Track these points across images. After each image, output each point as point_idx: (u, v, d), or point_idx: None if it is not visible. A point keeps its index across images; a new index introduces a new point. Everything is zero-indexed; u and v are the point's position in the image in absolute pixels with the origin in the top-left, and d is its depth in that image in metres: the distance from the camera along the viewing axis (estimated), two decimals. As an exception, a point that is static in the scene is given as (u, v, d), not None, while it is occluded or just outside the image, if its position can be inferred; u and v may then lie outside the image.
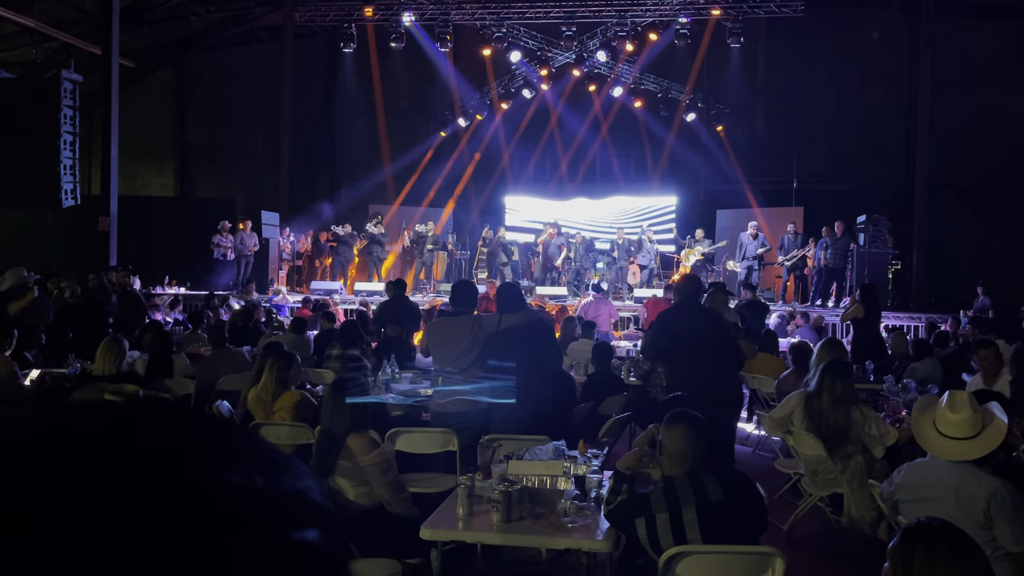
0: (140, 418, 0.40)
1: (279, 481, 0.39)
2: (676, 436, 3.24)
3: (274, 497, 0.38)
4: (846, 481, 4.82)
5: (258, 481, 0.38)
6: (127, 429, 0.39)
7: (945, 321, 12.32)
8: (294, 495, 0.39)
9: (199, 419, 0.41)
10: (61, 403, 0.39)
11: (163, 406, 0.40)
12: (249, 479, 0.38)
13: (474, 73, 19.04)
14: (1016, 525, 3.11)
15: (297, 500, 0.39)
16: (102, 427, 0.38)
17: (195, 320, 9.89)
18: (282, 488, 0.39)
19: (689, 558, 3.05)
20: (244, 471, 0.38)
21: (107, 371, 5.55)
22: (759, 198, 17.53)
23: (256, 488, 0.38)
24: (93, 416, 0.39)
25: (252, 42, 20.25)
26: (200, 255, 15.47)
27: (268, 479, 0.39)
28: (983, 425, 3.40)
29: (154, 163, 21.40)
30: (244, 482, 0.37)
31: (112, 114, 14.51)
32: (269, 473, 0.39)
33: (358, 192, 19.04)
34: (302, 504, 0.39)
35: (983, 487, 3.20)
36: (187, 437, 0.40)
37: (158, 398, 4.11)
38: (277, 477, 0.39)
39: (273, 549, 0.37)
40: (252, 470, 0.38)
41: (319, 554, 0.38)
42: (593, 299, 12.29)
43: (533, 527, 3.39)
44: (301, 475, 0.41)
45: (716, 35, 17.08)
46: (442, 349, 5.28)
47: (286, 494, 0.39)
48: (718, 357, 5.36)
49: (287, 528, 0.38)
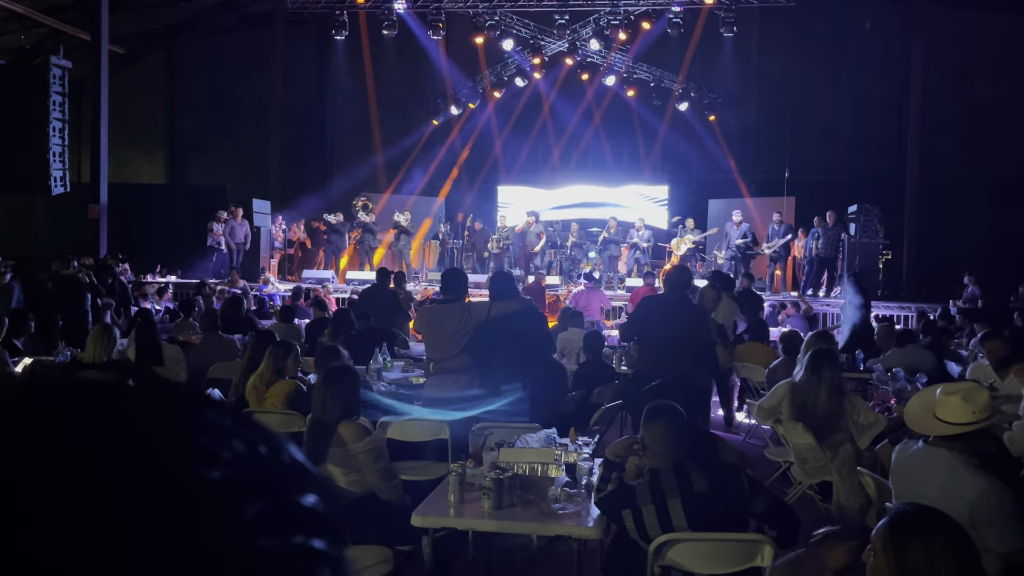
0: (155, 399, 0.42)
1: (280, 452, 0.42)
2: (656, 432, 3.26)
3: (277, 465, 0.41)
4: (835, 469, 4.85)
5: (262, 451, 0.41)
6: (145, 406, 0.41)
7: (935, 310, 12.39)
8: (295, 463, 0.42)
9: (200, 396, 0.44)
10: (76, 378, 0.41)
11: (180, 388, 0.43)
12: (254, 449, 0.41)
13: (466, 61, 18.97)
14: (1003, 527, 3.06)
15: (298, 468, 0.42)
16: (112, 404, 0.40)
17: (186, 308, 9.87)
18: (283, 458, 0.42)
19: (678, 545, 3.07)
20: (250, 443, 0.41)
21: (97, 359, 5.54)
22: (751, 188, 17.57)
23: (261, 457, 0.41)
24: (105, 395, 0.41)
25: (243, 29, 20.11)
26: (191, 243, 15.42)
27: (271, 449, 0.42)
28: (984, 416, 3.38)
29: (144, 150, 21.27)
30: (250, 451, 0.40)
31: (102, 101, 14.41)
32: (270, 445, 0.42)
33: (350, 180, 18.96)
34: (302, 472, 0.42)
35: (970, 489, 3.13)
36: (190, 411, 0.42)
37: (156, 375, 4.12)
38: (278, 448, 0.42)
39: (282, 513, 0.39)
40: (255, 441, 0.41)
41: (320, 517, 0.40)
42: (584, 288, 12.30)
43: (524, 514, 3.41)
44: (292, 449, 0.43)
45: (709, 24, 17.06)
46: (432, 336, 5.29)
47: (287, 463, 0.42)
48: (688, 353, 5.36)
49: (292, 494, 0.40)
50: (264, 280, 15.10)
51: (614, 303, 13.48)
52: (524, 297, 5.66)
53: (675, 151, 18.56)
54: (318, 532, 0.39)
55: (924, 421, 3.41)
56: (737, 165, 18.02)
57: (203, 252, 15.40)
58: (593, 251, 16.07)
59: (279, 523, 0.38)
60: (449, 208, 18.78)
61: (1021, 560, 3.01)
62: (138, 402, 0.41)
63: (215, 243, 15.33)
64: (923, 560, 2.01)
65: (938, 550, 2.01)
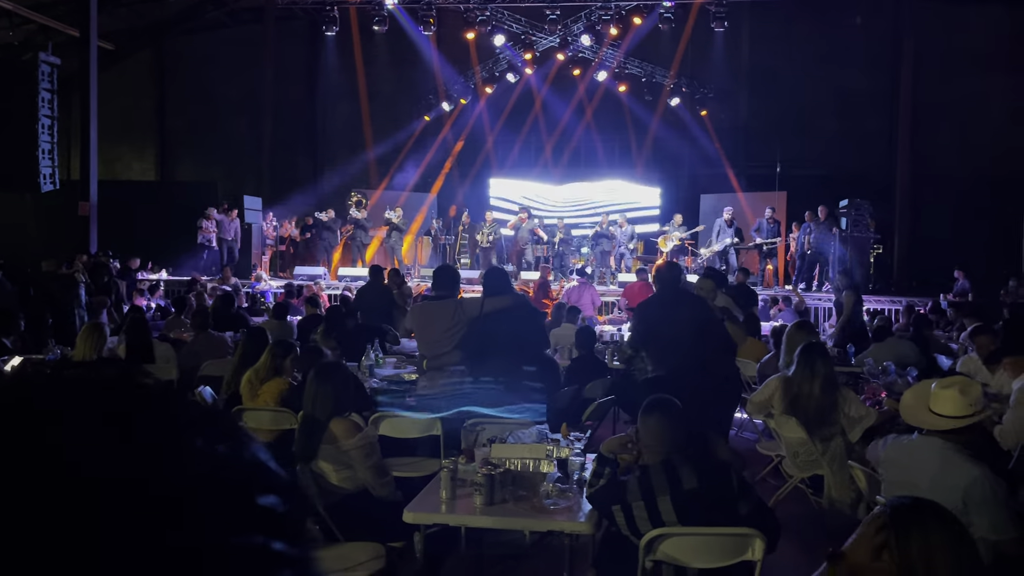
0: (123, 392, 0.42)
1: (242, 451, 0.42)
2: (651, 425, 3.27)
3: (237, 463, 0.41)
4: (826, 463, 4.86)
5: (221, 449, 0.41)
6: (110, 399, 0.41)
7: (925, 304, 12.44)
8: (256, 463, 0.42)
9: (161, 389, 0.43)
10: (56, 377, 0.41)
11: (145, 383, 0.42)
12: (212, 448, 0.40)
13: (458, 57, 18.93)
14: (995, 513, 3.10)
15: (258, 468, 0.42)
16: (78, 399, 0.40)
17: (178, 305, 9.84)
18: (245, 457, 0.42)
19: (670, 540, 3.08)
20: (210, 441, 0.41)
21: (88, 357, 5.52)
22: (743, 182, 17.60)
23: (221, 455, 0.40)
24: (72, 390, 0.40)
25: (233, 25, 20.01)
26: (181, 240, 15.36)
27: (231, 448, 0.41)
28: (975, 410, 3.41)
29: (134, 147, 21.16)
30: (209, 448, 0.40)
31: (91, 97, 14.33)
32: (231, 442, 0.42)
33: (341, 176, 18.92)
34: (262, 472, 0.42)
35: (962, 476, 3.18)
36: (153, 407, 0.42)
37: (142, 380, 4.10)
38: (239, 445, 0.42)
39: (237, 510, 0.39)
40: (216, 439, 0.41)
41: (281, 517, 0.40)
42: (577, 284, 12.30)
43: (516, 510, 3.41)
44: (260, 449, 0.43)
45: (700, 19, 17.07)
46: (425, 332, 5.29)
47: (249, 462, 0.42)
48: (701, 342, 5.38)
49: (250, 492, 0.40)
50: (256, 277, 15.06)
51: (606, 299, 13.49)
52: (517, 293, 5.66)
53: (667, 146, 18.56)
54: (278, 533, 0.39)
55: (919, 414, 3.44)
56: (729, 160, 18.04)
57: (194, 249, 15.35)
58: (585, 247, 16.08)
59: (236, 523, 0.38)
60: (441, 204, 18.75)
61: (1013, 548, 3.04)
62: (98, 400, 0.40)
63: (205, 240, 15.28)
64: (922, 552, 2.00)
65: (936, 546, 2.01)
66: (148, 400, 0.42)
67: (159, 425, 0.40)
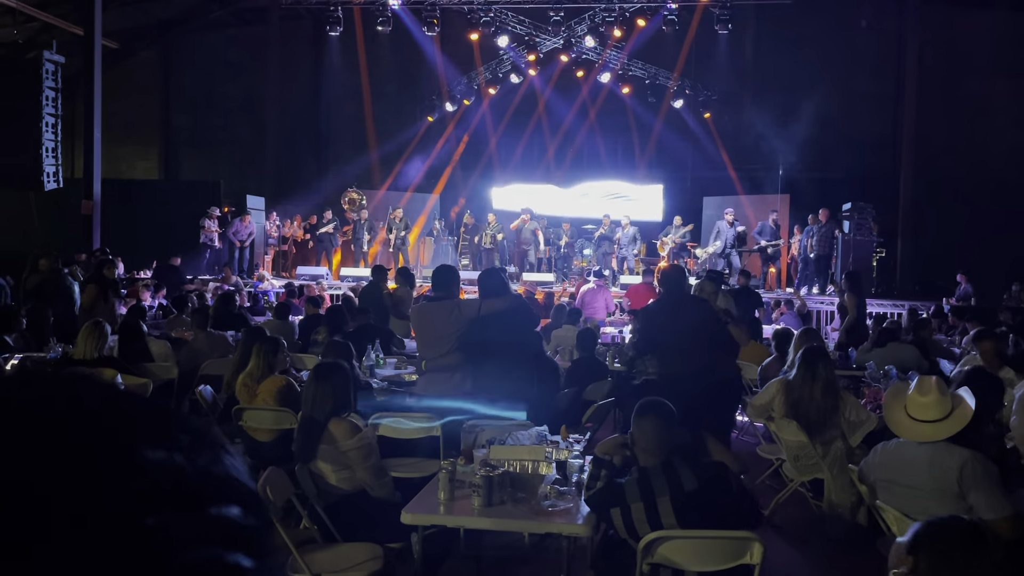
0: (59, 392, 0.40)
1: (200, 459, 0.40)
2: (646, 428, 3.26)
3: (193, 475, 0.39)
4: (827, 467, 4.85)
5: (177, 459, 0.39)
6: (47, 403, 0.39)
7: (928, 308, 12.41)
8: (216, 473, 0.40)
9: (120, 397, 0.42)
10: None
11: (83, 381, 0.41)
12: (168, 456, 0.39)
13: (461, 58, 18.93)
14: (989, 492, 3.21)
15: (218, 478, 0.40)
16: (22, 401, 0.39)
17: (179, 304, 9.85)
18: (202, 466, 0.40)
19: (668, 543, 3.07)
20: (164, 448, 0.39)
21: (88, 355, 5.52)
22: (745, 185, 17.58)
23: (174, 465, 0.39)
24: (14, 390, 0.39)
25: (237, 24, 20.04)
26: (185, 239, 15.36)
27: (188, 457, 0.39)
28: (952, 408, 3.48)
29: (138, 146, 21.18)
30: (162, 460, 0.38)
31: (95, 96, 14.34)
32: (190, 452, 0.40)
33: (344, 177, 18.92)
34: (223, 482, 0.40)
35: (954, 458, 3.30)
36: (107, 413, 0.40)
37: (81, 373, 4.09)
38: (198, 455, 0.40)
39: (190, 523, 0.37)
40: (173, 448, 0.39)
41: (239, 529, 0.39)
42: (595, 286, 12.06)
43: (514, 512, 3.40)
44: (225, 455, 0.42)
45: (704, 22, 17.05)
46: (423, 334, 5.28)
47: (208, 472, 0.40)
48: (706, 345, 5.38)
49: (205, 504, 0.38)
50: (258, 277, 15.07)
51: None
52: (515, 294, 5.65)
53: (670, 148, 18.56)
54: (240, 546, 0.38)
55: (900, 421, 3.55)
56: (732, 162, 18.03)
57: (196, 249, 15.35)
58: (588, 248, 16.07)
59: (195, 534, 0.37)
60: (444, 205, 18.76)
61: (1007, 528, 3.09)
62: (62, 408, 0.39)
63: (208, 239, 15.29)
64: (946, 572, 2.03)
65: (959, 563, 2.04)
66: (81, 405, 0.40)
67: (96, 432, 0.38)
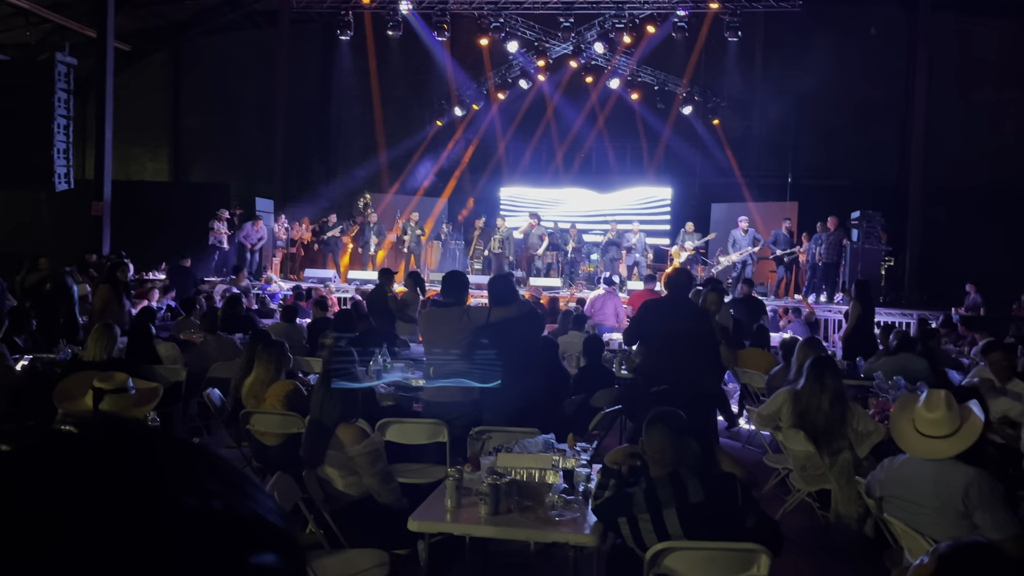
0: (96, 441, 0.39)
1: (237, 505, 0.39)
2: (655, 438, 3.26)
3: (231, 521, 0.38)
4: (834, 477, 4.84)
5: (215, 505, 0.38)
6: (82, 454, 0.38)
7: (936, 318, 12.36)
8: (252, 519, 0.39)
9: (160, 441, 0.41)
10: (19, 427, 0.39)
11: (122, 428, 0.40)
12: (206, 503, 0.38)
13: (471, 63, 18.97)
14: (995, 512, 3.16)
15: (255, 524, 0.39)
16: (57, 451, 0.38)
17: (187, 306, 9.87)
18: (240, 512, 0.39)
19: (675, 554, 3.07)
20: (201, 495, 0.38)
21: (98, 358, 5.54)
22: (754, 192, 17.55)
23: (213, 512, 0.38)
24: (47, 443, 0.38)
25: (248, 27, 20.12)
26: (194, 241, 15.41)
27: (226, 503, 0.39)
28: (960, 423, 3.42)
29: (148, 148, 21.28)
30: (201, 506, 0.37)
31: (107, 98, 14.41)
32: (227, 497, 0.39)
33: (353, 180, 18.97)
34: (260, 528, 0.39)
35: (960, 477, 3.26)
36: (145, 460, 0.39)
37: (119, 418, 4.08)
38: (235, 501, 0.39)
39: (229, 573, 0.36)
40: (209, 494, 0.38)
41: (276, 574, 0.38)
42: (605, 292, 11.96)
43: (521, 520, 3.40)
44: (260, 498, 0.41)
45: (714, 28, 17.05)
46: (431, 339, 5.29)
47: (244, 519, 0.39)
48: (695, 354, 5.38)
49: (243, 553, 0.37)
50: (266, 279, 15.11)
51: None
52: (524, 301, 5.65)
53: (678, 154, 18.54)
54: None
55: (907, 437, 3.50)
56: (740, 169, 18.01)
57: (205, 250, 15.40)
58: (595, 254, 16.06)
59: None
60: (452, 208, 18.79)
61: (1013, 547, 3.06)
62: (101, 457, 0.38)
63: (217, 241, 15.33)
64: None
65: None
66: (126, 450, 0.38)
67: (137, 479, 0.37)
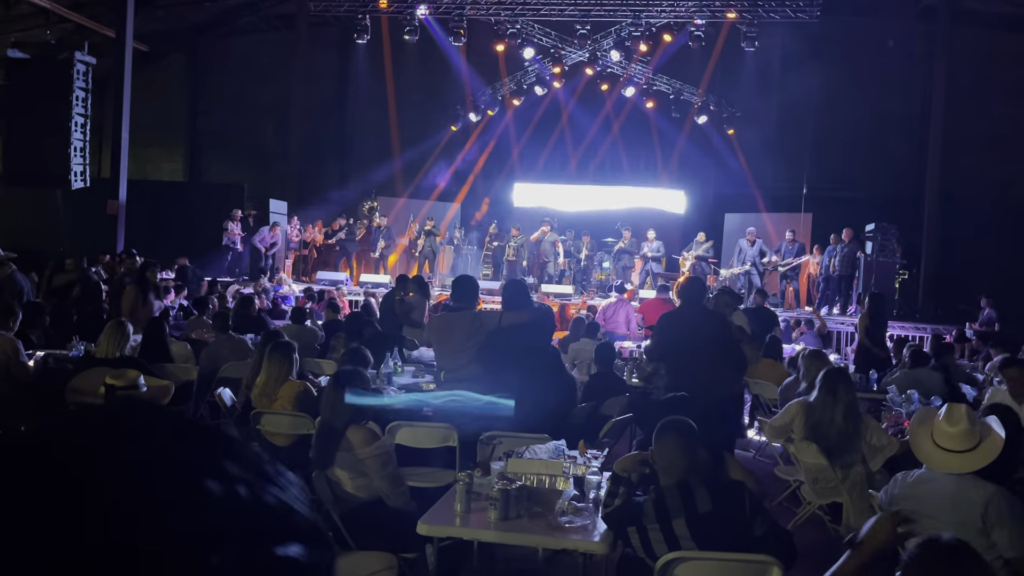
0: (121, 425, 0.38)
1: (263, 493, 0.38)
2: (666, 447, 3.23)
3: (257, 510, 0.37)
4: (846, 490, 4.79)
5: (241, 492, 0.37)
6: (107, 436, 0.38)
7: (950, 332, 12.27)
8: (278, 507, 0.38)
9: (184, 427, 0.40)
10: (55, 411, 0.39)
11: (145, 411, 0.39)
12: (231, 490, 0.36)
13: (487, 69, 19.01)
14: (1014, 529, 3.11)
15: (281, 513, 0.38)
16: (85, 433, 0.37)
17: (200, 306, 9.92)
18: (266, 500, 0.38)
19: (686, 563, 3.04)
20: (227, 482, 0.37)
21: (110, 354, 5.57)
22: (768, 203, 17.48)
23: (238, 500, 0.37)
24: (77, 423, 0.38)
25: (266, 30, 20.24)
26: (208, 241, 15.49)
27: (252, 491, 0.37)
28: (980, 438, 3.37)
29: (164, 148, 21.41)
30: (226, 494, 0.36)
31: (124, 97, 14.51)
32: (253, 484, 0.38)
33: (367, 183, 19.01)
34: (286, 517, 0.38)
35: (979, 493, 3.20)
36: (166, 440, 0.38)
37: (142, 401, 4.10)
38: (261, 489, 0.38)
39: (254, 563, 0.35)
40: (235, 481, 0.37)
41: (301, 568, 0.37)
42: (616, 300, 11.91)
43: (530, 526, 3.39)
44: (286, 486, 0.40)
45: (731, 38, 17.02)
46: (442, 344, 5.28)
47: (270, 507, 0.38)
48: (720, 360, 5.36)
49: (268, 542, 0.36)
50: (278, 280, 15.15)
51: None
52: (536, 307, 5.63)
53: (692, 164, 18.51)
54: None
55: (925, 448, 3.45)
56: (755, 179, 17.94)
57: (218, 251, 15.47)
58: (607, 261, 16.04)
59: (250, 574, 0.35)
60: (465, 213, 18.81)
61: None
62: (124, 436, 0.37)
63: (230, 242, 15.40)
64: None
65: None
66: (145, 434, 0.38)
67: (161, 463, 0.36)
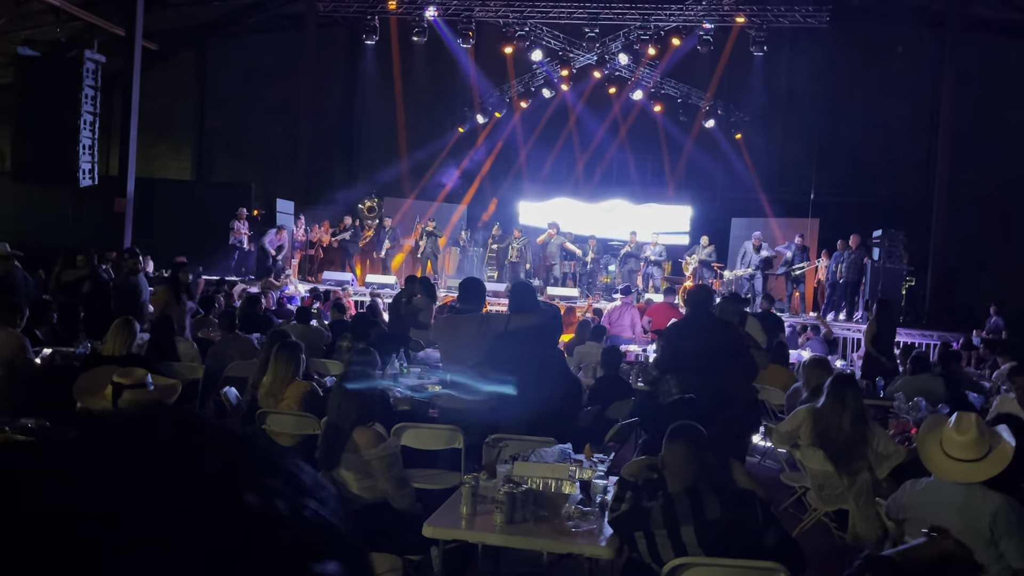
0: (157, 433, 0.37)
1: (302, 507, 0.36)
2: (676, 452, 3.22)
3: (295, 525, 0.36)
4: (852, 497, 4.77)
5: (279, 506, 0.35)
6: (142, 444, 0.37)
7: (957, 340, 12.22)
8: (316, 523, 0.37)
9: (217, 431, 0.39)
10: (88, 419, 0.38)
11: (182, 417, 0.38)
12: (268, 502, 0.35)
13: (494, 71, 19.02)
14: (1022, 540, 3.09)
15: (319, 528, 0.37)
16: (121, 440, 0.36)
17: (206, 305, 9.93)
18: (304, 515, 0.36)
19: (693, 570, 3.03)
20: (263, 493, 0.35)
21: (117, 352, 5.57)
22: (775, 208, 17.44)
23: (276, 515, 0.35)
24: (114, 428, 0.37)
25: (274, 30, 20.28)
26: (215, 240, 15.50)
27: (290, 505, 0.36)
28: (989, 447, 3.35)
29: (172, 146, 21.46)
30: (263, 506, 0.35)
31: (133, 96, 14.53)
32: (292, 498, 0.36)
33: (374, 184, 19.02)
34: (324, 533, 0.37)
35: (987, 503, 3.19)
36: (209, 454, 0.37)
37: (178, 408, 4.09)
38: (300, 503, 0.37)
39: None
40: (271, 492, 0.36)
41: None
42: (621, 303, 11.88)
43: (536, 530, 3.37)
44: (324, 499, 0.38)
45: (739, 43, 17.00)
46: (449, 346, 5.27)
47: (308, 521, 0.36)
48: (729, 367, 5.35)
49: (306, 559, 0.35)
50: (285, 280, 15.16)
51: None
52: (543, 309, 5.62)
53: (700, 168, 18.49)
54: None
55: (934, 458, 3.43)
56: (762, 184, 17.91)
57: (225, 250, 15.48)
58: (613, 265, 16.02)
59: None
60: (471, 215, 18.81)
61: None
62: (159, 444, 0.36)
63: (237, 241, 15.42)
64: None
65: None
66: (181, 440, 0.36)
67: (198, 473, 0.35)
